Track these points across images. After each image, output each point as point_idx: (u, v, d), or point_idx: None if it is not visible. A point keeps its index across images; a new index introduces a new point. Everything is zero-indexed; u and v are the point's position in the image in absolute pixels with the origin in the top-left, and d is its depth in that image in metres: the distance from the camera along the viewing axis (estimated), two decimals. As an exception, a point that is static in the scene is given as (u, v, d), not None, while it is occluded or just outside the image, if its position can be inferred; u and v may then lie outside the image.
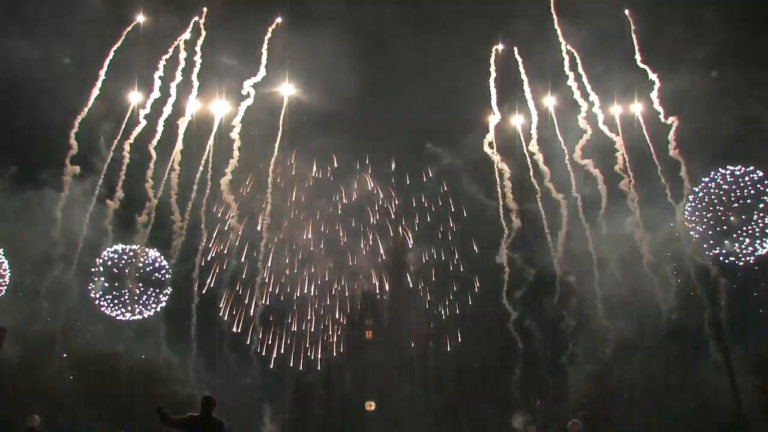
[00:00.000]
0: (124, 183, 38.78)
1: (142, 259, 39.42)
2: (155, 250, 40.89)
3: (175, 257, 39.90)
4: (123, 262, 39.50)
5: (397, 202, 58.60)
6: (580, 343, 45.10)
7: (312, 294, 56.68)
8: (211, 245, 46.39)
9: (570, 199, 44.23)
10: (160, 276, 40.58)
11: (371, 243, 59.31)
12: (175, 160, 38.65)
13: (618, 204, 43.57)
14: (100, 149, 37.96)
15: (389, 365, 57.51)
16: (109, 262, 39.46)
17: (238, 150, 39.17)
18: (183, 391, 39.17)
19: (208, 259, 46.31)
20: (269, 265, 47.57)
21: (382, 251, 58.98)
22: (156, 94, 38.76)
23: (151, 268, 40.19)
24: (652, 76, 41.28)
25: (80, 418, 36.72)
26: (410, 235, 59.19)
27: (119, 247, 40.17)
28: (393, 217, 59.85)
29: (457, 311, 57.03)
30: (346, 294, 58.26)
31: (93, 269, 39.47)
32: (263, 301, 47.22)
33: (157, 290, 40.33)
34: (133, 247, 40.10)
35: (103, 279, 38.79)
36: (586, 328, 44.75)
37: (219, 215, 45.16)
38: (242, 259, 46.22)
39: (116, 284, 39.43)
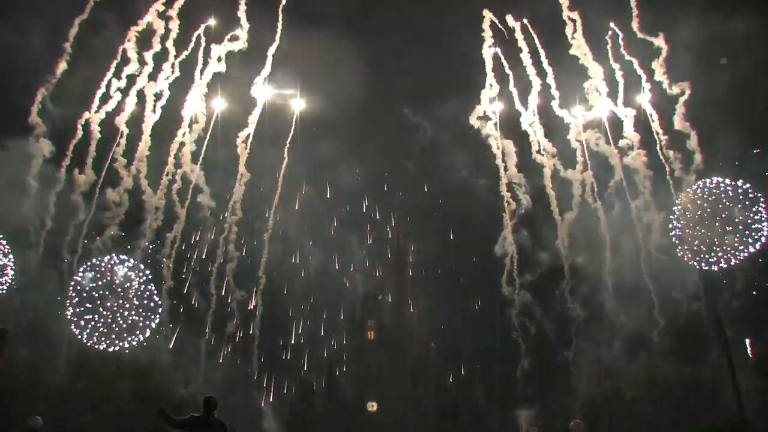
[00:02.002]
0: (97, 162, 36.67)
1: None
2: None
3: (149, 238, 37.61)
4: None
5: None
6: (586, 337, 42.50)
7: (314, 293, 54.69)
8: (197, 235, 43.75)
9: (576, 177, 41.32)
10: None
11: (371, 242, 58.27)
12: (145, 142, 36.55)
13: (619, 184, 40.74)
14: (68, 124, 36.00)
15: (391, 365, 55.83)
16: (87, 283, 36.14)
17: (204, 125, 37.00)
18: (184, 391, 38.26)
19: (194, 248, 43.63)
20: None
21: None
22: (129, 65, 36.70)
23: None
24: (659, 42, 38.32)
25: (81, 419, 35.42)
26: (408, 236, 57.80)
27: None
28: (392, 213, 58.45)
29: (459, 306, 54.94)
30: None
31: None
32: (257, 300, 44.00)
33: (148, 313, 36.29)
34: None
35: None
36: (593, 320, 42.21)
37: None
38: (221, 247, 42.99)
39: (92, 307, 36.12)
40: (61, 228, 36.06)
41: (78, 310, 35.17)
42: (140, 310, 36.02)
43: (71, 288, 35.26)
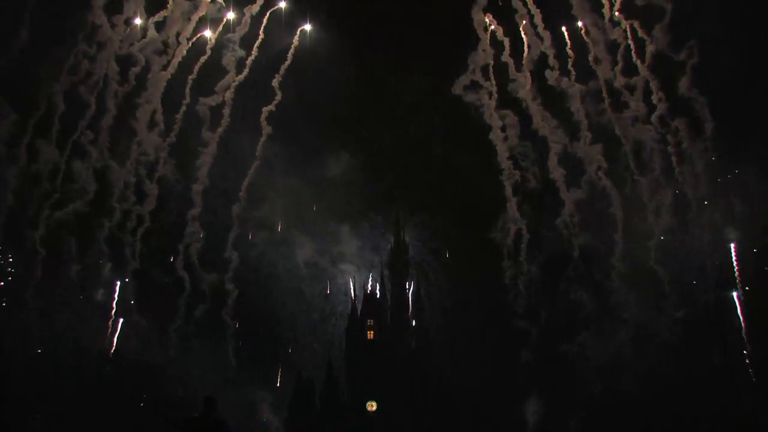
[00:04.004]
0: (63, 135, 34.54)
1: None
2: None
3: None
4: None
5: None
6: (591, 329, 40.04)
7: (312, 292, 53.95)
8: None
9: (581, 151, 38.62)
10: None
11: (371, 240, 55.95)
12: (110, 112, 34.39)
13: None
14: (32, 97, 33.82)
15: (391, 365, 53.28)
16: None
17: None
18: (183, 391, 37.42)
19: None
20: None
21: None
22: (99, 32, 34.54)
23: None
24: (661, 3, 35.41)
25: (81, 418, 33.56)
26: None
27: None
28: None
29: (460, 302, 52.78)
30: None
31: None
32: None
33: None
34: None
35: None
36: (599, 310, 39.85)
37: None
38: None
39: None
40: (23, 205, 33.91)
41: None
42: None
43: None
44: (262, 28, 37.05)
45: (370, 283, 56.61)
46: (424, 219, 54.60)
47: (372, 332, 55.42)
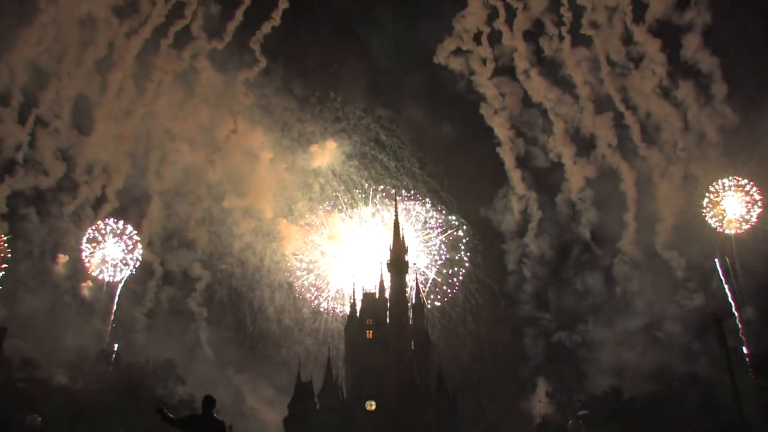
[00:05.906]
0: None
1: None
2: None
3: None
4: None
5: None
6: (593, 322, 37.99)
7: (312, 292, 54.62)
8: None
9: (584, 124, 36.23)
10: None
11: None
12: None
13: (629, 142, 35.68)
14: None
15: (390, 365, 52.36)
16: None
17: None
18: (183, 390, 37.33)
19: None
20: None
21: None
22: None
23: None
24: None
25: (80, 418, 33.77)
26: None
27: None
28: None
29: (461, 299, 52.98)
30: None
31: None
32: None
33: None
34: None
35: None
36: (603, 304, 37.80)
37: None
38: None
39: None
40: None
41: None
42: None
43: None
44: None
45: (364, 280, 55.49)
46: (420, 209, 53.06)
47: (371, 331, 54.52)
